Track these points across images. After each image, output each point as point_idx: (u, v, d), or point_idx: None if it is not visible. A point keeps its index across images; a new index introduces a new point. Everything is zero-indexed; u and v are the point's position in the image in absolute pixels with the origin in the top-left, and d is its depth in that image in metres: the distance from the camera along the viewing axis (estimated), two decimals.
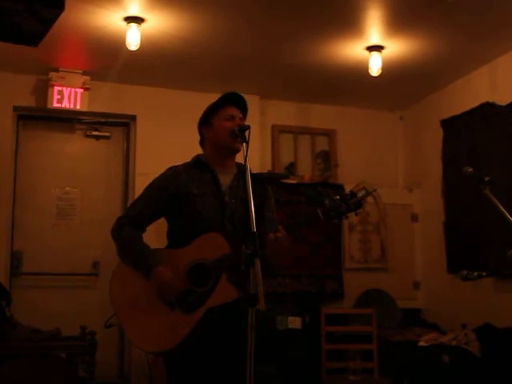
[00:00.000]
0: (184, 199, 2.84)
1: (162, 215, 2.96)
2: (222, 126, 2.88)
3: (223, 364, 2.74)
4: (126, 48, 4.70)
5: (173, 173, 2.94)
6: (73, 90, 5.60)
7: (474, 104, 5.44)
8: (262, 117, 6.26)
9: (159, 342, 2.68)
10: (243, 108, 2.95)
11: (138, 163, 5.89)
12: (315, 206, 2.63)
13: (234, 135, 2.76)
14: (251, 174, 2.54)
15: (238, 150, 2.91)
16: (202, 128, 3.01)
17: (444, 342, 4.88)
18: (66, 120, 5.88)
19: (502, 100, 5.14)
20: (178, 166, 2.99)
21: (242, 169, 2.93)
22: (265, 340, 2.57)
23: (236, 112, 2.90)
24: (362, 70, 5.25)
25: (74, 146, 6.00)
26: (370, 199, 6.44)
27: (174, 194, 2.86)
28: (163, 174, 2.96)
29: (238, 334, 2.59)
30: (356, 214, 2.67)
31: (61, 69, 5.54)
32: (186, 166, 2.98)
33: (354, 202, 2.62)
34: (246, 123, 2.65)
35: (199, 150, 3.10)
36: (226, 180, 2.91)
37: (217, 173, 2.91)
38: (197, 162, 2.98)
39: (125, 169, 6.08)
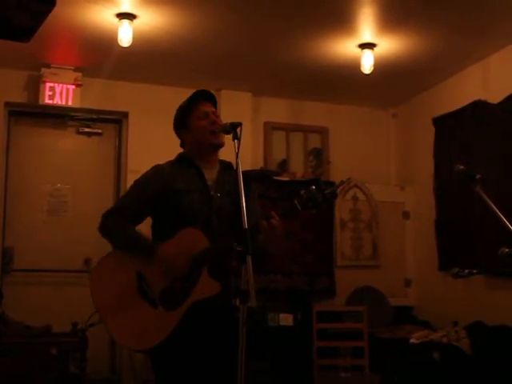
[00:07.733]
0: (170, 195, 2.82)
1: (149, 212, 2.93)
2: (198, 126, 2.91)
3: (212, 361, 2.72)
4: (118, 44, 4.70)
5: (157, 170, 2.94)
6: (65, 86, 5.58)
7: (466, 102, 5.45)
8: (254, 114, 6.26)
9: (144, 339, 2.66)
10: (213, 101, 2.99)
11: (130, 160, 5.88)
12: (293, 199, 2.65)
13: (225, 132, 2.75)
14: (235, 170, 2.52)
15: (220, 145, 2.92)
16: (179, 132, 3.02)
17: (435, 339, 4.89)
18: (58, 116, 5.86)
19: (493, 98, 5.15)
20: (161, 164, 2.99)
21: (225, 164, 2.97)
22: (255, 336, 2.53)
23: (208, 107, 2.94)
24: (354, 67, 5.26)
25: (66, 143, 5.99)
26: (362, 197, 6.45)
27: (160, 190, 2.85)
28: (148, 172, 2.96)
29: (226, 331, 2.59)
30: (332, 203, 2.70)
31: (53, 65, 5.53)
32: (170, 164, 2.98)
33: (329, 192, 2.63)
34: (238, 120, 2.64)
35: None
36: (211, 175, 2.91)
37: (202, 168, 2.90)
38: (181, 159, 2.98)
39: (116, 165, 6.07)
